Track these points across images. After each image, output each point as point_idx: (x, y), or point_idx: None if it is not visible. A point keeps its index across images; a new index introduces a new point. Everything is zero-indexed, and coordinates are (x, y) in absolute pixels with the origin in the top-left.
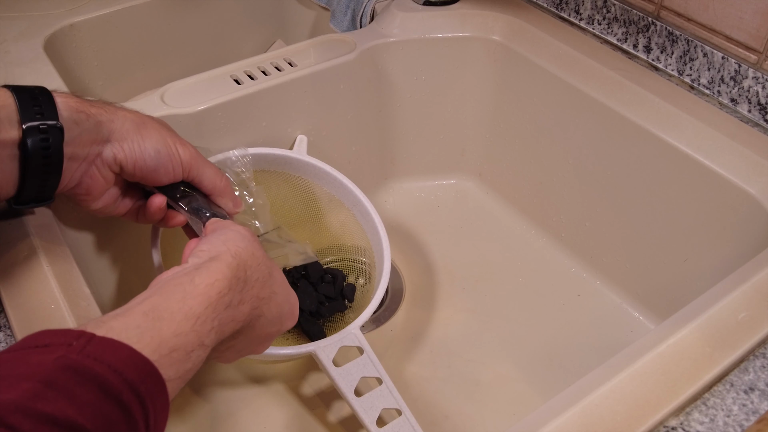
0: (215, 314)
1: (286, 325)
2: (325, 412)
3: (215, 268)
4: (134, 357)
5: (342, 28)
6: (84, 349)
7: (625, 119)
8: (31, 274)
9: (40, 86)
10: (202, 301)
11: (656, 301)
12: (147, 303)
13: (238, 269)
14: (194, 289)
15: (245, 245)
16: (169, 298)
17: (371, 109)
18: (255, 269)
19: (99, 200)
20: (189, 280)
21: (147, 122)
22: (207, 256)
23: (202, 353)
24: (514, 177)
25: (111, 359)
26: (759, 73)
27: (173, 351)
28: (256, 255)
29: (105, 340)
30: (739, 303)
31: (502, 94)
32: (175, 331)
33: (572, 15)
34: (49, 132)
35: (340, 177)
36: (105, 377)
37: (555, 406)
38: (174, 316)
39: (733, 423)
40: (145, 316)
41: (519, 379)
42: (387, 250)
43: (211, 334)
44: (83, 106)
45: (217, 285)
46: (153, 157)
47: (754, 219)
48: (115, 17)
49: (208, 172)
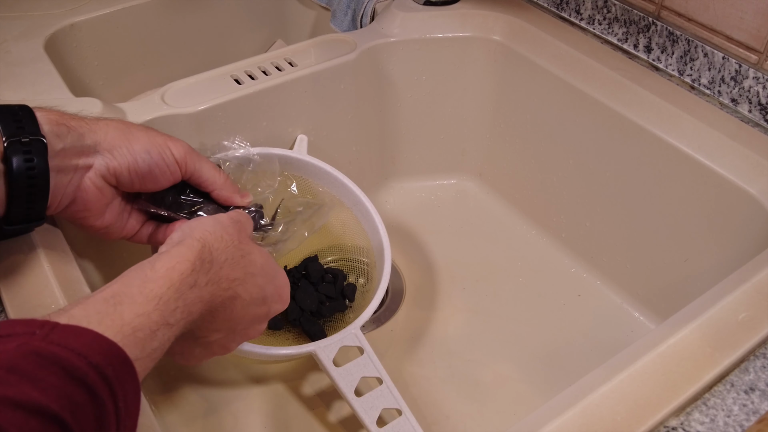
0: (178, 294)
1: (274, 308)
2: (325, 412)
3: (176, 252)
4: (99, 340)
5: (342, 28)
6: (47, 336)
7: (625, 119)
8: (31, 273)
9: (20, 104)
10: (163, 284)
11: (657, 301)
12: (108, 290)
13: (203, 251)
14: (154, 274)
15: (213, 229)
16: (130, 285)
17: (372, 108)
18: (222, 251)
19: (102, 217)
20: (150, 266)
21: (132, 127)
22: (172, 242)
23: (167, 332)
24: (515, 177)
25: (75, 344)
26: (759, 73)
27: (137, 331)
28: (225, 238)
29: (68, 327)
30: (740, 303)
31: (502, 94)
32: (137, 312)
33: (573, 15)
34: (31, 145)
35: (341, 177)
36: (69, 360)
37: (555, 406)
38: (135, 299)
39: (733, 423)
40: (106, 302)
41: (519, 379)
42: (387, 249)
43: (176, 314)
44: (64, 119)
45: (179, 267)
46: (145, 159)
47: (755, 219)
48: (116, 17)
49: (205, 165)
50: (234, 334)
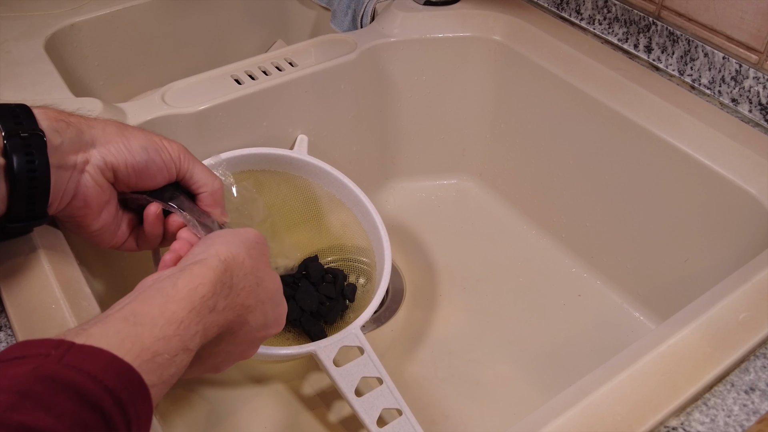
0: (199, 318)
1: (271, 332)
2: (325, 412)
3: (198, 272)
4: (114, 363)
5: (343, 28)
6: (63, 358)
7: (625, 119)
8: (32, 273)
9: (19, 103)
10: (185, 305)
11: (657, 301)
12: (127, 308)
13: (224, 274)
14: (176, 293)
15: (237, 249)
16: (150, 303)
17: (372, 108)
18: (242, 278)
19: (99, 217)
20: (171, 284)
21: (128, 126)
22: (194, 258)
23: (185, 357)
24: (515, 177)
25: (90, 367)
26: (760, 73)
27: (156, 356)
28: (246, 263)
29: (84, 347)
30: (740, 303)
31: (502, 94)
32: (157, 335)
33: (573, 15)
34: (30, 140)
35: (341, 177)
36: (84, 385)
37: (555, 406)
38: (155, 321)
39: (733, 423)
40: (126, 322)
41: (519, 379)
42: (388, 249)
43: (195, 339)
44: (62, 116)
45: (201, 289)
46: (142, 154)
47: (755, 219)
48: (116, 17)
49: (198, 166)
50: (230, 357)
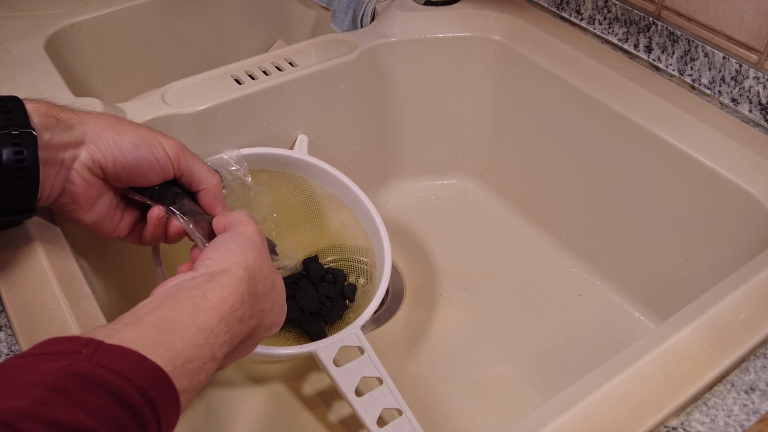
0: (228, 328)
1: (272, 330)
2: (325, 412)
3: (226, 282)
4: (143, 363)
5: (343, 28)
6: (93, 357)
7: (626, 119)
8: (31, 273)
9: (11, 95)
10: (215, 315)
11: (657, 301)
12: (158, 314)
13: (249, 283)
14: (206, 303)
15: (254, 256)
16: (181, 311)
17: (372, 108)
18: (263, 283)
19: (91, 211)
20: (201, 294)
21: (122, 121)
22: (216, 266)
23: (213, 365)
24: (515, 177)
25: (120, 367)
26: (760, 73)
27: (187, 362)
28: (264, 268)
29: (113, 347)
30: (740, 303)
31: (502, 93)
32: (188, 342)
33: (573, 15)
34: (21, 137)
35: (341, 177)
36: (115, 383)
37: (555, 406)
38: (187, 329)
39: (733, 423)
40: (158, 329)
41: (519, 379)
42: (388, 249)
43: (223, 347)
44: (53, 110)
45: (230, 299)
46: (132, 151)
47: (755, 219)
48: (116, 17)
49: (198, 164)
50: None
